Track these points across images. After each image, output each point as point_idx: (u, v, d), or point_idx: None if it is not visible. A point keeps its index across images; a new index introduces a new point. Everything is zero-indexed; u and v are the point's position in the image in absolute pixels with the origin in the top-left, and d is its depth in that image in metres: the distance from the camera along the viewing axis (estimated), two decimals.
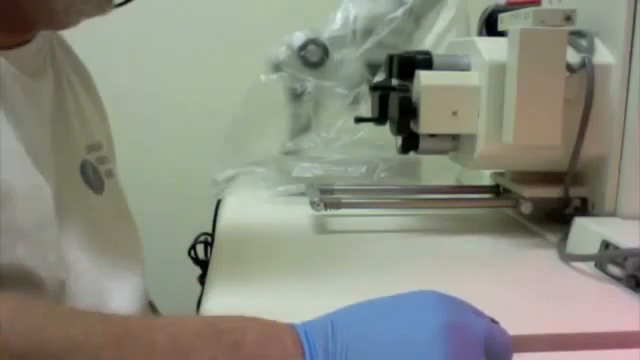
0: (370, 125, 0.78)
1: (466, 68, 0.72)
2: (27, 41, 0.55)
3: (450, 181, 0.97)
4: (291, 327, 0.41)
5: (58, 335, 0.36)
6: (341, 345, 0.38)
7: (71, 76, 0.64)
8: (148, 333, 0.38)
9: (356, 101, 1.01)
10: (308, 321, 0.41)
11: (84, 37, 0.71)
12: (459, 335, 0.39)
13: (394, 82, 0.75)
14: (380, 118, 0.75)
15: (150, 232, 0.72)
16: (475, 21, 0.84)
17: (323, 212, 0.77)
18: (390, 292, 0.42)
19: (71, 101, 0.62)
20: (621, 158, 0.70)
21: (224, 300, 0.58)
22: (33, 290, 0.48)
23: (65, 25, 0.56)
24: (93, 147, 0.64)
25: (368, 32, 1.01)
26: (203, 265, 0.85)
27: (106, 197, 0.63)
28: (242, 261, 0.68)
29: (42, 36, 0.58)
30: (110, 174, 0.66)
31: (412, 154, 0.76)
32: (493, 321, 0.46)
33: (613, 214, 0.70)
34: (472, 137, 0.71)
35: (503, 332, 0.42)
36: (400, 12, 0.99)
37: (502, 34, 0.70)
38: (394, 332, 0.39)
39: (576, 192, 0.73)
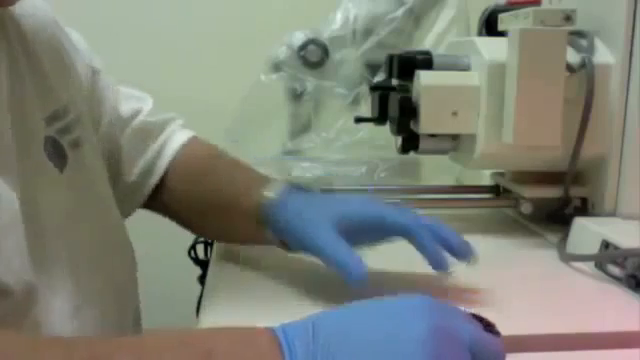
0: (370, 125, 0.78)
1: (466, 68, 0.72)
2: None
3: (450, 181, 0.97)
4: (269, 330, 0.40)
5: None
6: (322, 346, 0.38)
7: (29, 42, 0.60)
8: (115, 356, 0.37)
9: (356, 101, 1.01)
10: (288, 323, 0.40)
11: (84, 37, 0.71)
12: (444, 340, 0.38)
13: (394, 82, 0.75)
14: (380, 118, 0.75)
15: (150, 232, 0.72)
16: (475, 21, 0.84)
17: None
18: (390, 292, 0.42)
19: (27, 73, 0.58)
20: (621, 158, 0.70)
21: (224, 300, 0.58)
22: None
23: (6, 4, 0.54)
24: (56, 116, 0.60)
25: (368, 32, 1.01)
26: (203, 265, 0.84)
27: (68, 175, 0.60)
28: (242, 261, 0.68)
29: None
30: (76, 144, 0.62)
31: (412, 154, 0.76)
32: (488, 324, 0.46)
33: (613, 214, 0.70)
34: (472, 137, 0.71)
35: (492, 339, 0.42)
36: (400, 12, 0.99)
37: (502, 34, 0.70)
38: (378, 335, 0.38)
39: (576, 192, 0.73)
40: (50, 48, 0.62)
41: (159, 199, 0.73)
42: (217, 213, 0.67)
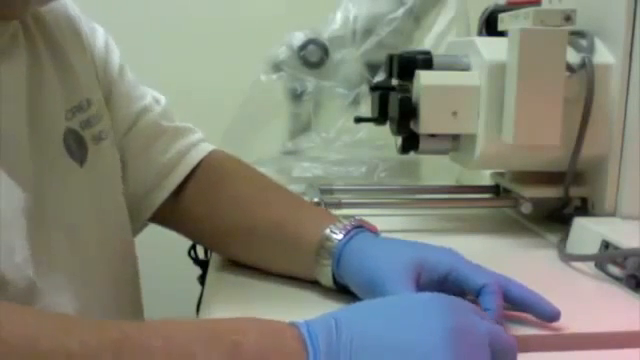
0: (370, 125, 0.78)
1: (466, 68, 0.72)
2: None
3: (450, 181, 0.97)
4: (293, 325, 0.40)
5: (54, 347, 0.35)
6: (345, 342, 0.38)
7: (56, 34, 0.60)
8: (145, 339, 0.37)
9: (356, 101, 1.01)
10: (311, 319, 0.41)
11: None
12: (464, 338, 0.39)
13: (394, 82, 0.75)
14: (380, 118, 0.75)
15: (150, 232, 0.72)
16: (475, 21, 0.84)
17: None
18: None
19: (50, 65, 0.58)
20: (621, 158, 0.69)
21: (224, 300, 0.58)
22: None
23: (13, 16, 0.54)
24: (79, 108, 0.60)
25: (368, 32, 1.01)
26: (203, 265, 0.84)
27: (87, 169, 0.59)
28: None
29: None
30: (99, 138, 0.61)
31: (412, 154, 0.76)
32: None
33: (613, 214, 0.70)
34: (472, 137, 0.71)
35: (506, 333, 0.42)
36: (400, 12, 0.99)
37: (502, 34, 0.70)
38: (400, 334, 0.39)
39: (576, 192, 0.73)
40: (73, 39, 0.62)
41: (171, 213, 0.68)
42: (264, 244, 0.62)
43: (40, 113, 0.55)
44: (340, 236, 0.56)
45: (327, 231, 0.57)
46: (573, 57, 0.68)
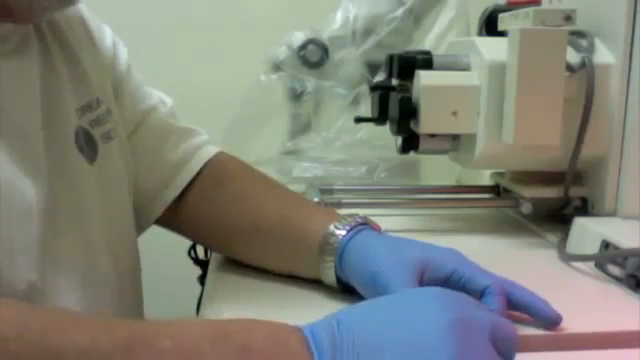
0: (370, 125, 0.78)
1: (466, 68, 0.72)
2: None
3: (450, 181, 0.97)
4: (298, 329, 0.41)
5: (65, 344, 0.36)
6: (348, 343, 0.38)
7: (68, 35, 0.60)
8: (154, 339, 0.38)
9: (356, 101, 1.01)
10: (314, 322, 0.41)
11: None
12: (466, 328, 0.39)
13: (394, 82, 0.75)
14: (380, 118, 0.75)
15: (150, 232, 0.72)
16: (475, 21, 0.84)
17: None
18: None
19: (62, 63, 0.58)
20: (621, 158, 0.69)
21: (224, 300, 0.58)
22: None
23: (31, 20, 0.54)
24: (89, 107, 0.60)
25: (368, 32, 1.01)
26: (203, 265, 0.85)
27: (97, 167, 0.59)
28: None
29: None
30: (108, 137, 0.61)
31: (412, 154, 0.76)
32: None
33: (613, 214, 0.70)
34: (472, 137, 0.71)
35: (508, 323, 0.43)
36: (400, 12, 1.00)
37: (502, 34, 0.70)
38: (402, 329, 0.39)
39: (576, 192, 0.73)
40: (84, 38, 0.63)
41: (174, 214, 0.68)
42: (269, 240, 0.62)
43: (53, 111, 0.55)
44: (343, 232, 0.56)
45: (331, 227, 0.57)
46: (573, 57, 0.68)
